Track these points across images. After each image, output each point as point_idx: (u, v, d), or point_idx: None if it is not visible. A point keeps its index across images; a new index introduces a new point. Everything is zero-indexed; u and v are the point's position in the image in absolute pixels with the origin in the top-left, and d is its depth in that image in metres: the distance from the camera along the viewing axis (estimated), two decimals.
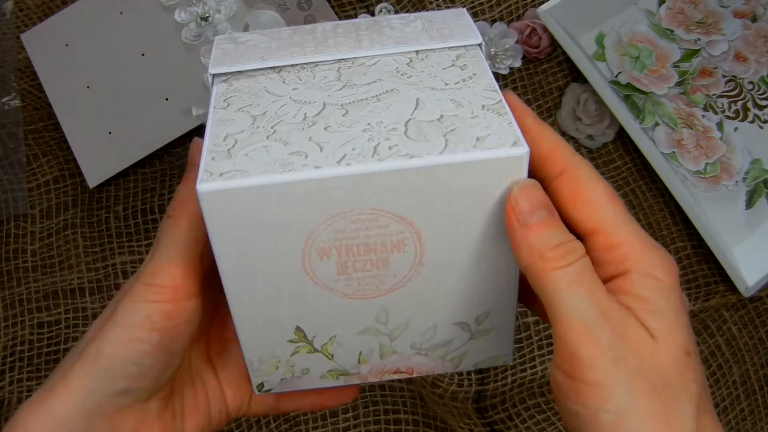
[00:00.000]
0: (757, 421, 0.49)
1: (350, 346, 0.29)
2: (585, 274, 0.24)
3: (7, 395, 0.47)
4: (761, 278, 0.49)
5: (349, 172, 0.24)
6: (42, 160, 0.52)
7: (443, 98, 0.27)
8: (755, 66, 0.52)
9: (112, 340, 0.27)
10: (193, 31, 0.50)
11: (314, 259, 0.26)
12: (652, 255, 0.25)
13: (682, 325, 0.24)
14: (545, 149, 0.26)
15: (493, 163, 0.24)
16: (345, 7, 0.53)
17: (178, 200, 0.28)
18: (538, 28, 0.51)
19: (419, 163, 0.24)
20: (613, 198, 0.26)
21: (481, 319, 0.29)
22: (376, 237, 0.26)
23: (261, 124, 0.26)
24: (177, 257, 0.28)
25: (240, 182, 0.24)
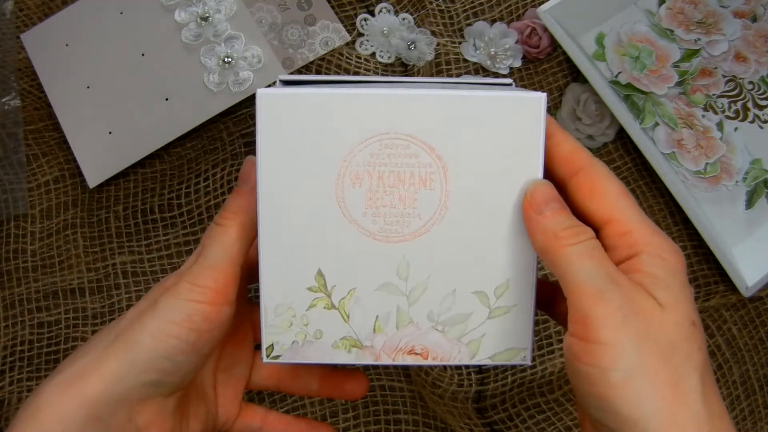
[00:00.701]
0: (757, 421, 0.49)
1: (368, 306, 0.30)
2: (595, 250, 0.27)
3: (7, 395, 0.47)
4: (761, 278, 0.49)
5: (388, 92, 0.28)
6: (42, 160, 0.52)
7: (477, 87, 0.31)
8: (755, 66, 0.52)
9: (152, 332, 0.28)
10: (193, 31, 0.50)
11: (347, 186, 0.28)
12: (662, 241, 0.27)
13: (687, 298, 0.26)
14: (566, 150, 0.29)
15: (516, 101, 0.28)
16: (345, 7, 0.53)
17: (229, 210, 0.30)
18: (538, 28, 0.51)
19: (451, 92, 0.28)
20: (625, 193, 0.28)
21: (500, 291, 0.30)
22: (406, 167, 0.28)
23: (318, 86, 0.30)
24: (223, 263, 0.29)
25: (293, 90, 0.28)
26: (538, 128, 0.28)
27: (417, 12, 0.53)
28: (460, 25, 0.52)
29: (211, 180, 0.51)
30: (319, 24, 0.51)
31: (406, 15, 0.52)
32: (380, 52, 0.52)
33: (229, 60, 0.50)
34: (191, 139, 0.52)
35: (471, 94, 0.28)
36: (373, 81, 0.34)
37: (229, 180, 0.51)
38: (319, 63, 0.51)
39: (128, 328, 0.29)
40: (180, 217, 0.51)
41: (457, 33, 0.53)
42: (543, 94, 0.28)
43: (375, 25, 0.52)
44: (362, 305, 0.29)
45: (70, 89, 0.52)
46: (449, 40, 0.52)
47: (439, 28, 0.52)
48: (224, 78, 0.50)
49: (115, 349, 0.28)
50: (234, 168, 0.51)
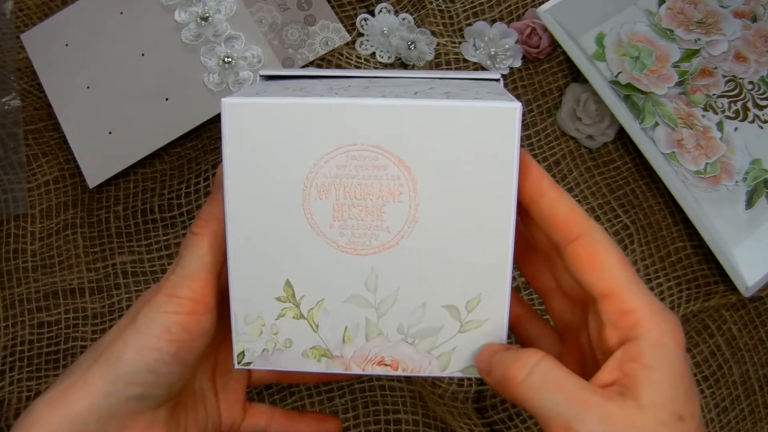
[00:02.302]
0: (757, 421, 0.49)
1: (336, 317, 0.29)
2: (551, 374, 0.26)
3: (7, 395, 0.47)
4: (761, 278, 0.49)
5: (354, 102, 0.27)
6: (42, 160, 0.52)
7: (454, 88, 0.29)
8: (755, 66, 0.52)
9: (132, 347, 0.28)
10: (193, 31, 0.50)
11: (314, 197, 0.28)
12: (662, 322, 0.26)
13: (677, 391, 0.26)
14: (562, 214, 0.28)
15: (488, 112, 0.26)
16: (345, 7, 0.53)
17: (203, 218, 0.30)
18: (538, 28, 0.51)
19: (420, 103, 0.27)
20: (625, 264, 0.27)
21: (472, 305, 0.29)
22: (374, 179, 0.27)
23: (290, 89, 0.29)
24: (199, 272, 0.29)
25: (258, 99, 0.27)
26: (512, 140, 0.27)
27: (417, 12, 0.53)
28: (460, 25, 0.52)
29: (211, 180, 0.51)
30: (319, 24, 0.51)
31: (406, 15, 0.52)
32: (380, 52, 0.52)
33: (229, 60, 0.50)
34: (191, 139, 0.52)
35: (441, 105, 0.27)
36: (355, 76, 0.33)
37: None
38: (319, 63, 0.51)
39: (110, 345, 0.29)
40: (180, 217, 0.51)
41: (457, 33, 0.53)
42: (518, 104, 0.26)
43: (375, 25, 0.52)
44: (331, 316, 0.29)
45: (70, 89, 0.52)
46: (449, 40, 0.52)
47: (439, 28, 0.52)
48: (224, 78, 0.50)
49: (98, 366, 0.29)
50: None
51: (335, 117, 0.27)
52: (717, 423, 0.48)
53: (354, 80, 0.32)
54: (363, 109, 0.27)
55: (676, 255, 0.51)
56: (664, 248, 0.51)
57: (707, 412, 0.48)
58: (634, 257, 0.51)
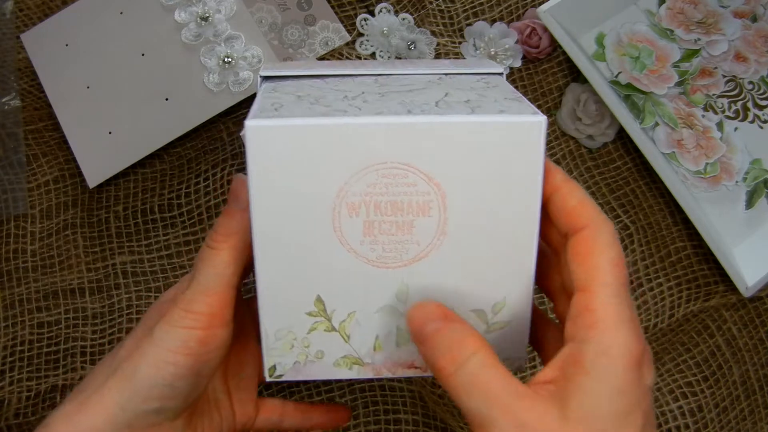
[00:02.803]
0: (757, 421, 0.49)
1: (368, 327, 0.29)
2: (478, 373, 0.25)
3: (7, 395, 0.47)
4: (761, 278, 0.49)
5: (384, 121, 0.27)
6: (42, 160, 0.52)
7: (471, 93, 0.30)
8: (755, 66, 0.52)
9: (149, 361, 0.28)
10: (193, 31, 0.50)
11: (344, 215, 0.28)
12: (619, 333, 0.25)
13: (613, 410, 0.24)
14: (571, 204, 0.28)
15: (515, 127, 0.27)
16: (345, 7, 0.53)
17: (220, 233, 0.30)
18: (538, 28, 0.51)
19: (449, 119, 0.27)
20: (617, 266, 0.26)
21: (498, 307, 0.29)
22: (404, 196, 0.28)
23: (304, 99, 0.29)
24: (216, 287, 0.29)
25: (284, 121, 0.26)
26: (538, 152, 0.27)
27: (417, 12, 0.53)
28: (460, 25, 0.52)
29: (211, 180, 0.51)
30: (319, 24, 0.51)
31: (406, 15, 0.53)
32: (380, 52, 0.52)
33: (229, 60, 0.50)
34: (191, 139, 0.52)
35: (469, 120, 0.27)
36: (359, 74, 0.33)
37: (229, 180, 0.51)
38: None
39: (127, 358, 0.29)
40: (180, 217, 0.51)
41: (457, 33, 0.53)
42: (543, 117, 0.27)
43: (375, 25, 0.52)
44: (362, 327, 0.29)
45: (70, 89, 0.52)
46: (449, 40, 0.52)
47: (439, 28, 0.52)
48: (224, 78, 0.50)
49: (115, 380, 0.29)
50: (234, 168, 0.51)
51: (364, 136, 0.27)
52: (717, 423, 0.48)
53: (360, 80, 0.32)
54: (392, 127, 0.27)
55: (676, 255, 0.51)
56: (664, 248, 0.51)
57: (707, 412, 0.48)
58: (634, 257, 0.51)
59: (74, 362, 0.48)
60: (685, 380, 0.48)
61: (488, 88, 0.31)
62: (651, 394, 0.26)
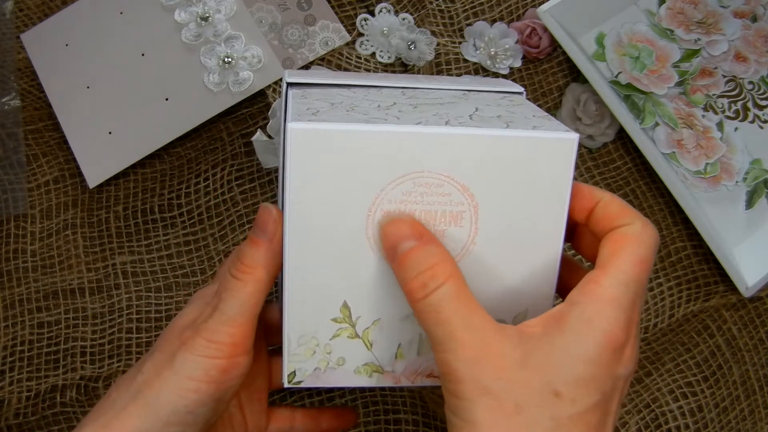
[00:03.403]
0: (757, 421, 0.49)
1: (391, 335, 0.30)
2: (445, 302, 0.26)
3: (7, 395, 0.47)
4: (761, 278, 0.49)
5: (424, 131, 0.27)
6: (42, 160, 0.52)
7: (499, 109, 0.30)
8: (755, 66, 0.52)
9: (170, 388, 0.29)
10: (193, 31, 0.50)
11: (378, 222, 0.28)
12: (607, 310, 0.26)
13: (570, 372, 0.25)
14: (615, 208, 0.28)
15: (549, 143, 0.28)
16: (345, 7, 0.53)
17: (246, 264, 0.30)
18: (538, 28, 0.51)
19: (486, 132, 0.27)
20: (641, 264, 0.27)
21: (519, 319, 0.30)
22: (438, 206, 0.28)
23: (339, 107, 0.29)
24: (239, 318, 0.29)
25: (328, 125, 0.27)
26: (568, 169, 0.28)
27: (417, 12, 0.53)
28: (460, 25, 0.52)
29: (211, 180, 0.51)
30: (319, 24, 0.51)
31: (406, 15, 0.52)
32: (380, 52, 0.52)
33: (229, 60, 0.50)
34: (191, 139, 0.52)
35: (505, 134, 0.27)
36: (387, 86, 0.33)
37: (228, 180, 0.51)
38: (319, 63, 0.51)
39: (147, 385, 0.29)
40: (180, 217, 0.51)
41: (457, 33, 0.53)
42: (576, 135, 0.28)
43: (375, 25, 0.52)
44: (386, 334, 0.30)
45: (70, 89, 0.52)
46: (449, 40, 0.52)
47: (439, 28, 0.52)
48: (224, 78, 0.50)
49: (135, 405, 0.29)
50: (234, 168, 0.51)
51: (405, 144, 0.27)
52: (717, 423, 0.48)
53: (387, 92, 0.32)
54: (432, 137, 0.27)
55: (676, 255, 0.51)
56: (664, 248, 0.51)
57: (707, 412, 0.48)
58: None
59: (74, 362, 0.48)
60: (685, 380, 0.48)
61: (514, 105, 0.31)
62: (621, 388, 0.26)
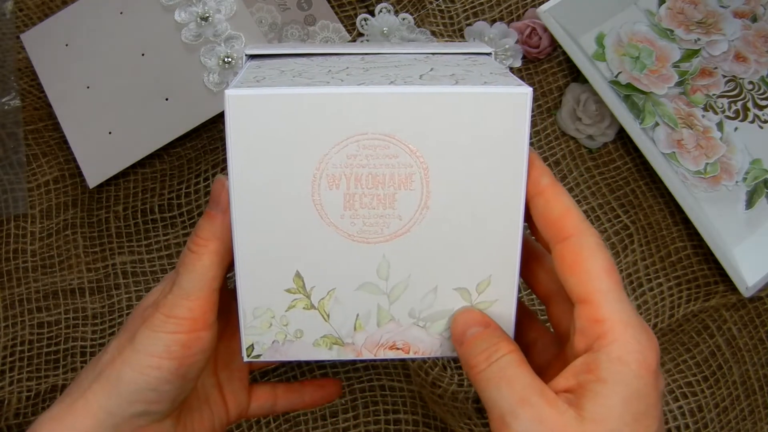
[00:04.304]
0: (757, 421, 0.49)
1: (348, 305, 0.29)
2: (507, 369, 0.26)
3: (7, 395, 0.47)
4: (761, 278, 0.49)
5: (365, 91, 0.26)
6: (42, 160, 0.52)
7: (456, 69, 0.29)
8: (755, 66, 0.52)
9: (132, 366, 0.29)
10: (193, 31, 0.50)
11: (323, 188, 0.27)
12: (630, 339, 0.25)
13: (628, 412, 0.25)
14: (556, 212, 0.27)
15: (499, 97, 0.26)
16: (345, 7, 0.53)
17: (201, 236, 0.29)
18: (538, 28, 0.51)
19: (431, 90, 0.26)
20: (610, 272, 0.26)
21: (482, 287, 0.29)
22: (386, 168, 0.27)
23: (287, 73, 0.28)
24: (197, 292, 0.29)
25: (265, 90, 0.26)
26: (523, 124, 0.27)
27: (417, 12, 0.53)
28: (460, 25, 0.52)
29: (211, 180, 0.51)
30: (319, 24, 0.51)
31: (406, 15, 0.53)
32: None
33: (229, 60, 0.50)
34: (191, 139, 0.52)
35: (452, 91, 0.26)
36: (345, 53, 0.33)
37: None
38: None
39: (110, 364, 0.29)
40: (180, 217, 0.51)
41: (457, 33, 0.53)
42: (529, 89, 0.26)
43: (375, 25, 0.52)
44: (342, 305, 0.29)
45: (70, 89, 0.52)
46: (449, 40, 0.52)
47: (439, 28, 0.52)
48: (224, 78, 0.50)
49: (99, 385, 0.29)
50: None
51: (346, 106, 0.26)
52: (717, 423, 0.48)
53: (345, 58, 0.32)
54: (374, 97, 0.26)
55: (676, 255, 0.51)
56: (664, 248, 0.51)
57: (707, 412, 0.48)
58: (634, 257, 0.51)
59: (74, 362, 0.48)
60: (685, 380, 0.48)
61: (475, 65, 0.30)
62: (662, 401, 0.26)
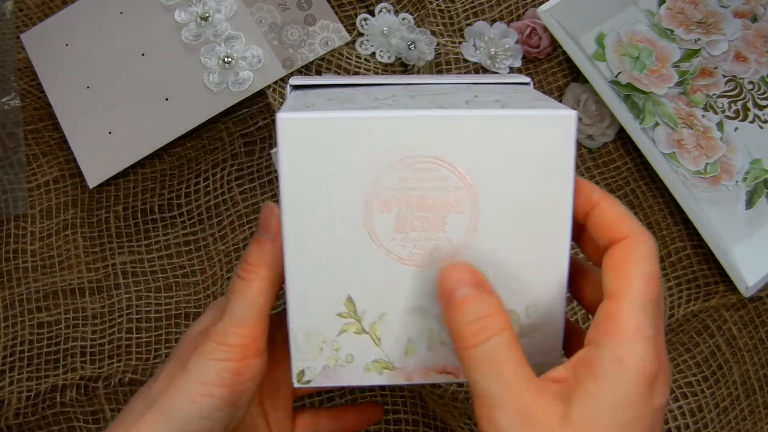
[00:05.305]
0: (757, 421, 0.49)
1: (399, 329, 0.29)
2: (497, 353, 0.25)
3: (7, 395, 0.47)
4: (761, 278, 0.49)
5: (415, 114, 0.26)
6: (42, 160, 0.52)
7: (499, 95, 0.30)
8: (755, 66, 0.52)
9: (185, 394, 0.29)
10: (193, 31, 0.50)
11: (375, 211, 0.27)
12: (638, 346, 0.25)
13: (615, 420, 0.24)
14: (613, 218, 0.27)
15: (545, 120, 0.27)
16: (345, 7, 0.53)
17: (250, 263, 0.29)
18: (538, 28, 0.51)
19: (480, 113, 0.27)
20: (649, 282, 0.26)
21: (531, 309, 0.29)
22: (436, 191, 0.27)
23: (335, 100, 0.29)
24: (248, 318, 0.29)
25: (318, 114, 0.26)
26: (569, 147, 0.27)
27: (417, 12, 0.53)
28: (460, 25, 0.52)
29: (211, 180, 0.51)
30: (319, 24, 0.51)
31: (406, 15, 0.52)
32: (380, 52, 0.52)
33: (229, 60, 0.50)
34: (191, 139, 0.52)
35: (500, 114, 0.27)
36: (389, 84, 0.33)
37: (228, 180, 0.51)
38: (319, 63, 0.51)
39: (162, 392, 0.29)
40: (180, 217, 0.51)
41: (457, 33, 0.52)
42: (573, 112, 0.27)
43: (375, 25, 0.52)
44: (393, 329, 0.29)
45: (70, 89, 0.52)
46: (449, 40, 0.52)
47: (439, 28, 0.52)
48: (224, 78, 0.50)
49: (151, 414, 0.29)
50: (234, 168, 0.51)
51: (396, 129, 0.26)
52: (717, 423, 0.48)
53: (389, 88, 0.32)
54: (424, 120, 0.26)
55: (676, 255, 0.51)
56: (664, 248, 0.51)
57: (707, 412, 0.48)
58: None
59: (74, 362, 0.48)
60: (685, 380, 0.48)
61: (516, 92, 0.31)
62: (661, 416, 0.26)
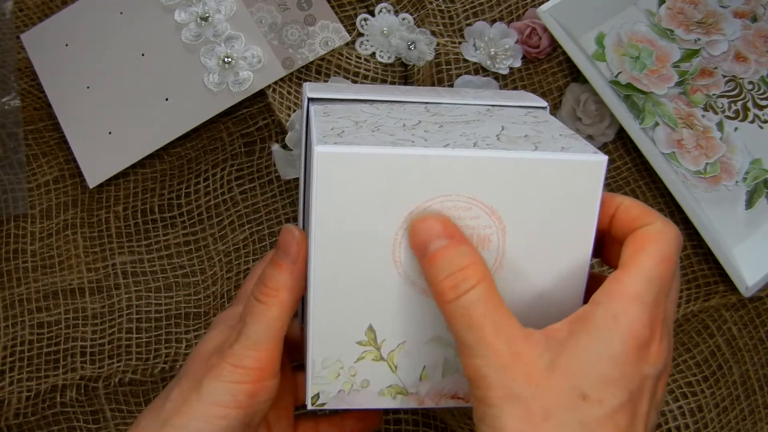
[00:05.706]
0: (757, 421, 0.49)
1: (416, 357, 0.29)
2: (476, 306, 0.25)
3: (7, 395, 0.47)
4: (761, 278, 0.49)
5: (453, 154, 0.27)
6: (42, 160, 0.52)
7: (525, 127, 0.30)
8: (755, 66, 0.52)
9: (199, 417, 0.29)
10: (193, 31, 0.50)
11: (405, 246, 0.28)
12: (635, 309, 0.25)
13: (597, 371, 0.24)
14: (637, 211, 0.28)
15: (577, 165, 0.27)
16: (345, 7, 0.53)
17: (269, 287, 0.29)
18: (538, 28, 0.51)
19: (515, 155, 0.27)
20: (663, 261, 0.26)
21: None
22: (466, 229, 0.28)
23: (364, 126, 0.29)
24: (265, 341, 0.29)
25: (355, 148, 0.26)
26: (597, 191, 0.28)
27: (417, 12, 0.53)
28: (460, 25, 0.52)
29: (211, 180, 0.51)
30: (319, 24, 0.51)
31: (406, 15, 0.52)
32: (380, 52, 0.52)
33: (229, 60, 0.50)
34: (191, 139, 0.52)
35: (534, 157, 0.27)
36: (409, 102, 0.33)
37: (228, 180, 0.51)
38: (319, 63, 0.51)
39: (175, 413, 0.29)
40: (180, 217, 0.51)
41: (457, 33, 0.52)
42: (605, 158, 0.27)
43: (375, 25, 0.52)
44: (410, 357, 0.29)
45: (70, 89, 0.52)
46: (449, 40, 0.52)
47: (439, 28, 0.52)
48: (224, 78, 0.50)
49: None
50: (234, 168, 0.51)
51: (432, 167, 0.27)
52: (717, 423, 0.48)
53: (411, 108, 0.32)
54: (460, 161, 0.27)
55: None
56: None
57: (707, 412, 0.48)
58: None
59: (74, 362, 0.48)
60: (685, 380, 0.48)
61: (539, 123, 0.31)
62: (648, 388, 0.26)
